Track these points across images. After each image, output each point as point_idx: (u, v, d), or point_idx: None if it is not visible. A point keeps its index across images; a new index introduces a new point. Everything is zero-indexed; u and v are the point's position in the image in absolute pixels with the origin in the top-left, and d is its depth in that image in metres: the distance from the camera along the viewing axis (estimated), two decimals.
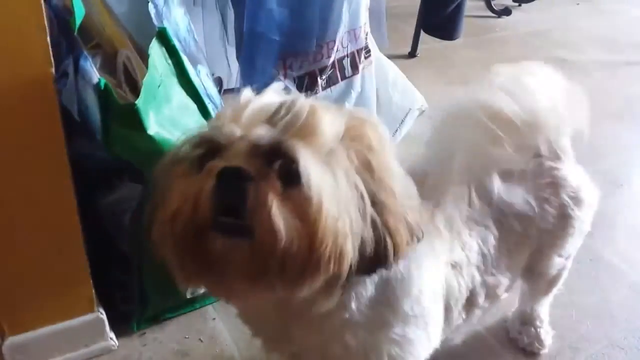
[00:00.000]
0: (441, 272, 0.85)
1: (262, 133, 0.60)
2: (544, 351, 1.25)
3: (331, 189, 0.60)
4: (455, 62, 2.60)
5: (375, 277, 0.73)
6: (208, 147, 0.62)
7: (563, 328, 1.30)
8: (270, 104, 0.64)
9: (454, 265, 0.87)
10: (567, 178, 1.00)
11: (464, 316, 0.93)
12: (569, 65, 2.66)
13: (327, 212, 0.58)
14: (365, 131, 0.66)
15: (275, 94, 0.67)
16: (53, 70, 0.89)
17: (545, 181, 0.98)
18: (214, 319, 1.27)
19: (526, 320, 1.25)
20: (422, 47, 2.64)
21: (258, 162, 0.59)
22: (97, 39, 1.18)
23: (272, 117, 0.62)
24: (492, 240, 0.91)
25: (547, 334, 1.26)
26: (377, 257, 0.64)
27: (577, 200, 1.00)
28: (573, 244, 1.07)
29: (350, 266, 0.62)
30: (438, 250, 0.84)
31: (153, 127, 0.94)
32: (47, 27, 0.86)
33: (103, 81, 0.89)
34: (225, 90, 1.80)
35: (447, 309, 0.87)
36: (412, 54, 2.62)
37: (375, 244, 0.63)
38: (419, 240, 0.68)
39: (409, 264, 0.76)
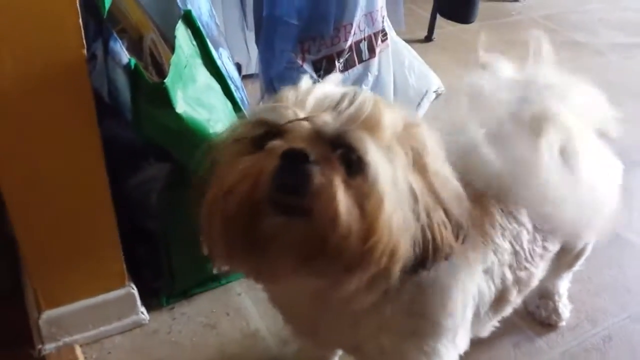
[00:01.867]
0: (475, 283, 0.84)
1: (328, 120, 0.61)
2: (562, 324, 1.27)
3: (391, 183, 0.60)
4: (472, 46, 2.57)
5: (411, 284, 0.72)
6: (268, 128, 0.62)
7: (581, 302, 1.32)
8: (334, 93, 0.65)
9: (486, 271, 0.86)
10: None
11: (490, 315, 0.93)
12: (585, 48, 2.65)
13: (387, 205, 0.58)
14: (419, 132, 0.66)
15: (334, 84, 0.68)
16: (85, 52, 0.92)
17: None
18: (239, 294, 1.30)
19: (545, 294, 1.27)
20: (438, 31, 2.63)
21: (321, 148, 0.59)
22: (122, 24, 1.21)
23: (336, 106, 0.62)
24: (525, 235, 0.90)
25: (565, 307, 1.27)
26: (421, 257, 0.64)
27: None
28: None
29: (400, 264, 0.61)
30: (471, 259, 0.83)
31: (181, 106, 0.97)
32: (79, 10, 0.89)
33: (133, 61, 0.93)
34: (244, 76, 1.83)
35: (476, 314, 0.87)
36: (428, 38, 2.63)
37: (422, 244, 0.63)
38: (463, 243, 0.68)
39: (445, 275, 0.76)
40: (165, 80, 0.93)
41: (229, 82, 1.14)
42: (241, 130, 0.65)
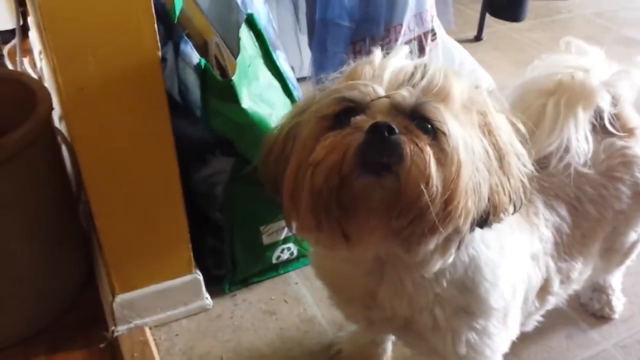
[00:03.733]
0: (524, 266, 0.87)
1: (406, 95, 0.64)
2: (615, 316, 1.27)
3: (467, 148, 0.64)
4: (522, 45, 2.58)
5: (466, 256, 0.77)
6: (350, 105, 0.65)
7: (634, 295, 1.31)
8: (406, 67, 0.68)
9: (533, 257, 0.89)
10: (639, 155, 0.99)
11: (537, 305, 0.94)
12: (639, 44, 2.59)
13: (466, 170, 0.62)
14: (483, 97, 0.70)
15: (404, 56, 0.71)
16: (160, 53, 0.99)
17: (617, 161, 0.98)
18: (296, 283, 1.36)
19: (597, 287, 1.27)
20: (487, 31, 2.63)
21: (401, 120, 0.63)
22: (187, 30, 1.30)
23: (410, 79, 0.66)
24: (565, 228, 0.92)
25: (618, 300, 1.27)
26: (484, 215, 0.68)
27: None
28: None
29: (470, 221, 0.65)
30: (521, 242, 0.87)
31: (246, 101, 1.04)
32: (154, 16, 0.96)
33: (203, 61, 1.01)
34: (297, 79, 1.88)
35: (524, 300, 0.89)
36: (477, 37, 2.62)
37: (487, 202, 0.67)
38: (515, 209, 0.71)
39: (498, 255, 0.79)
40: (232, 78, 1.00)
41: (288, 81, 1.20)
42: (321, 107, 0.67)
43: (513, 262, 0.84)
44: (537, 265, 0.90)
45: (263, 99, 1.08)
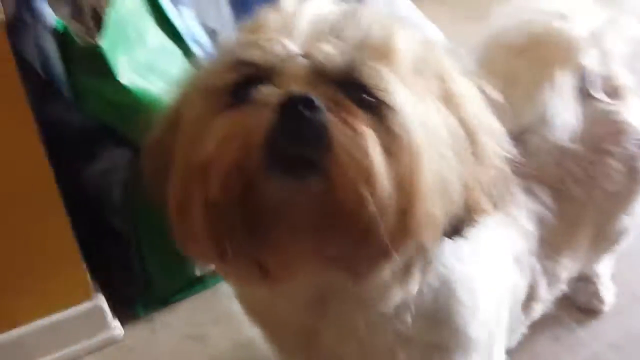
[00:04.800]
0: (507, 275, 0.75)
1: (331, 51, 0.48)
2: (605, 309, 1.14)
3: (425, 127, 0.48)
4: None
5: (435, 278, 0.62)
6: (250, 71, 0.49)
7: (625, 281, 1.18)
8: (331, 13, 0.52)
9: (516, 260, 0.77)
10: (631, 122, 0.87)
11: (523, 318, 0.84)
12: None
13: (426, 156, 0.47)
14: (440, 56, 0.54)
15: (327, 1, 0.55)
16: (2, 14, 0.74)
17: (604, 130, 0.86)
18: (229, 297, 1.17)
19: (583, 277, 1.13)
20: None
21: (328, 90, 0.47)
22: None
23: (336, 31, 0.50)
24: (549, 218, 0.81)
25: (607, 290, 1.15)
26: (456, 219, 0.53)
27: None
28: None
29: (439, 232, 0.51)
30: (501, 243, 0.73)
31: (126, 74, 0.81)
32: None
33: (60, 23, 0.75)
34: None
35: (510, 315, 0.78)
36: None
37: (459, 202, 0.52)
38: (494, 208, 0.56)
39: (474, 268, 0.66)
40: (99, 42, 0.73)
41: (190, 43, 0.97)
42: (210, 77, 0.52)
43: (494, 272, 0.70)
44: (521, 269, 0.78)
45: (153, 69, 0.86)
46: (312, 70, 0.48)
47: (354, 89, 0.47)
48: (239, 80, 0.49)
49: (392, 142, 0.46)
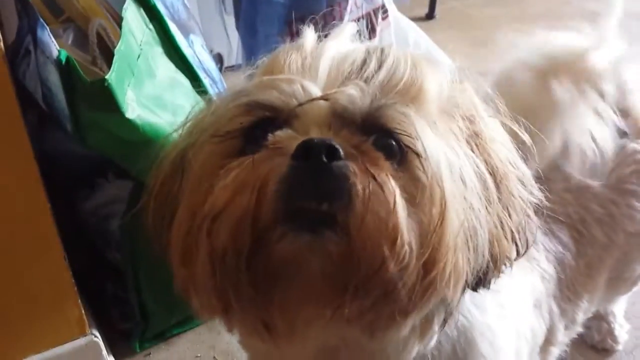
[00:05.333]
0: (527, 321, 0.70)
1: (355, 94, 0.44)
2: (619, 347, 1.09)
3: (453, 172, 0.45)
4: (478, 22, 2.41)
5: (454, 329, 0.57)
6: (267, 114, 0.46)
7: (639, 320, 1.13)
8: (354, 52, 0.48)
9: (536, 305, 0.72)
10: None
11: None
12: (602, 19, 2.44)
13: (454, 207, 0.43)
14: (470, 96, 0.51)
15: (349, 38, 0.52)
16: (1, 44, 0.70)
17: (630, 170, 0.82)
18: (227, 332, 1.11)
19: (597, 315, 1.09)
20: (439, 8, 2.46)
21: (349, 135, 0.44)
22: (67, 12, 1.00)
23: (360, 71, 0.47)
24: (569, 259, 0.77)
25: (621, 328, 1.10)
26: (481, 271, 0.49)
27: None
28: None
29: (462, 286, 0.46)
30: (522, 289, 0.69)
31: (133, 109, 0.76)
32: None
33: (64, 54, 0.71)
34: (226, 68, 1.63)
35: None
36: (429, 16, 2.45)
37: (484, 253, 0.48)
38: (519, 254, 0.51)
39: (493, 315, 0.61)
40: (107, 77, 0.69)
41: (201, 75, 0.91)
42: (221, 120, 0.48)
43: (515, 321, 0.66)
44: (540, 314, 0.74)
45: (162, 103, 0.81)
46: (333, 113, 0.44)
47: (379, 134, 0.44)
48: (254, 124, 0.45)
49: (417, 191, 0.43)
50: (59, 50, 0.71)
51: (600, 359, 1.09)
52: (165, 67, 0.88)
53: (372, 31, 1.53)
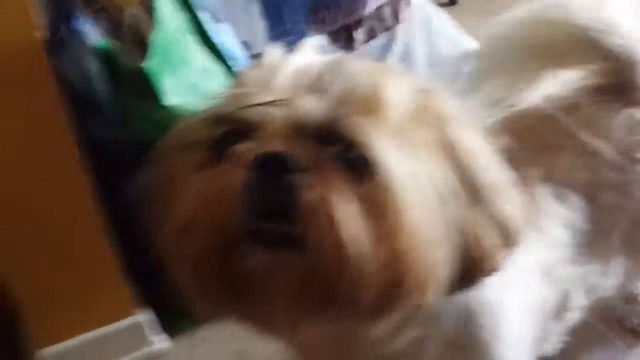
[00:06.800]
0: (533, 293, 0.71)
1: (311, 106, 0.46)
2: None
3: (413, 183, 0.45)
4: (502, 7, 2.37)
5: (454, 306, 0.58)
6: (231, 126, 0.47)
7: None
8: (313, 66, 0.49)
9: (544, 274, 0.73)
10: None
11: (553, 327, 0.79)
12: None
13: (412, 217, 0.44)
14: (435, 102, 0.51)
15: (312, 51, 0.52)
16: (39, 34, 0.75)
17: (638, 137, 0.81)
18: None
19: (631, 298, 1.08)
20: None
21: (307, 147, 0.44)
22: (100, 2, 1.03)
23: (318, 84, 0.48)
24: (580, 223, 0.77)
25: None
26: (462, 272, 0.50)
27: None
28: None
29: (436, 289, 0.48)
30: (529, 260, 0.68)
31: (171, 96, 0.78)
32: None
33: (104, 42, 0.73)
34: (254, 55, 1.65)
35: (539, 329, 0.74)
36: (452, 1, 2.43)
37: (462, 256, 0.49)
38: (515, 247, 0.53)
39: (495, 290, 0.61)
40: (144, 65, 0.72)
41: (231, 63, 0.95)
42: (193, 131, 0.50)
43: (518, 293, 0.67)
44: (550, 282, 0.74)
45: (197, 90, 0.83)
46: (291, 125, 0.45)
47: (337, 146, 0.44)
48: (222, 135, 0.47)
49: (374, 201, 0.43)
50: (98, 40, 0.75)
51: (637, 342, 1.07)
52: (199, 56, 0.90)
53: (395, 18, 1.55)
